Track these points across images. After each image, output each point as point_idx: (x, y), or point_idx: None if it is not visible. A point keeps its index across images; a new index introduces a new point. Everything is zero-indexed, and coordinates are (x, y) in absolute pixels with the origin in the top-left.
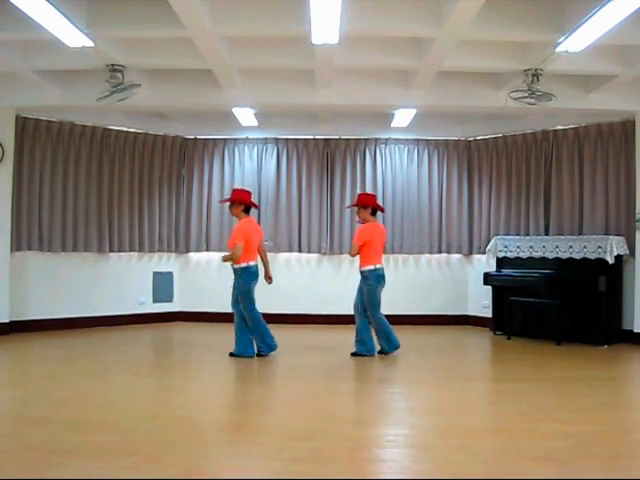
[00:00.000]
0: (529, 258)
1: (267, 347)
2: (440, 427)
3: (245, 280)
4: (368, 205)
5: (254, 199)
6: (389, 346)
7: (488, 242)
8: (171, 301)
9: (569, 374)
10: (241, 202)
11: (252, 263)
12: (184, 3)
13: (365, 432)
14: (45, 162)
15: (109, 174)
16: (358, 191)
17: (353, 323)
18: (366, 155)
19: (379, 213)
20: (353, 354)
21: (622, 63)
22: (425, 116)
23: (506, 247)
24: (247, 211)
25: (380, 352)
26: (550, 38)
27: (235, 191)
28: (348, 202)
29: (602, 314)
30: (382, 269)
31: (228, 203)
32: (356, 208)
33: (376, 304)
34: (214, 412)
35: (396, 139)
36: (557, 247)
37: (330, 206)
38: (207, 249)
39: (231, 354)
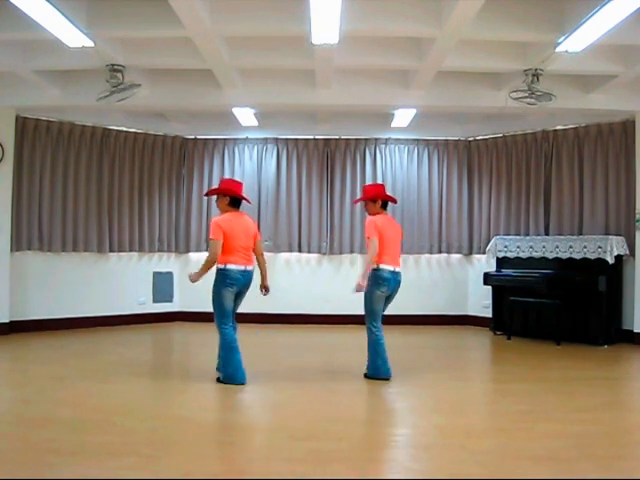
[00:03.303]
0: (529, 258)
1: (228, 376)
2: (440, 427)
3: (217, 284)
4: (377, 198)
5: (254, 199)
6: (372, 369)
7: (488, 242)
8: (171, 301)
9: (569, 374)
10: (227, 193)
11: (231, 266)
12: (184, 3)
13: (365, 432)
14: (45, 162)
15: (109, 174)
16: (358, 191)
17: (353, 323)
18: (366, 155)
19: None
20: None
21: (622, 63)
22: (425, 116)
23: (506, 247)
24: (236, 205)
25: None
26: (550, 38)
27: (222, 181)
28: (348, 202)
29: (602, 314)
30: (393, 272)
31: (215, 196)
32: (364, 203)
33: (371, 311)
34: (214, 412)
35: (396, 139)
36: (557, 247)
37: (330, 206)
38: (207, 249)
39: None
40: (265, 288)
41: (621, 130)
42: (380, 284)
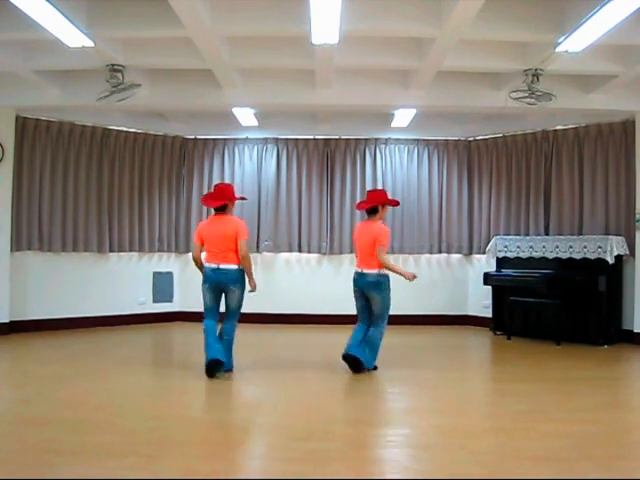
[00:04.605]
0: (529, 258)
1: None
2: (440, 427)
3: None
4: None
5: (254, 199)
6: (370, 362)
7: (488, 242)
8: (171, 301)
9: (569, 374)
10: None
11: (205, 264)
12: (184, 3)
13: (365, 432)
14: (45, 162)
15: (109, 174)
16: (358, 191)
17: (353, 323)
18: (366, 155)
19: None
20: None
21: (622, 63)
22: (425, 116)
23: (506, 247)
24: (218, 210)
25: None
26: (550, 38)
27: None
28: (348, 202)
29: (602, 314)
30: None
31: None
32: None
33: (388, 313)
34: (214, 412)
35: (396, 139)
36: (557, 247)
37: (330, 206)
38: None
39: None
40: (250, 286)
41: (621, 130)
42: (390, 289)
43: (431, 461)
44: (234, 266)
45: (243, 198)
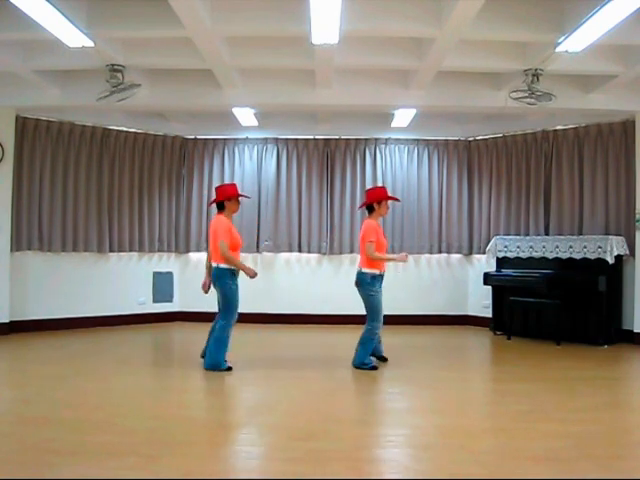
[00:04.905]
0: (529, 258)
1: None
2: (440, 427)
3: None
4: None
5: (254, 199)
6: (361, 359)
7: (488, 242)
8: (171, 301)
9: (569, 374)
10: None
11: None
12: (184, 3)
13: (365, 432)
14: (45, 162)
15: (109, 174)
16: (358, 191)
17: (353, 323)
18: (366, 155)
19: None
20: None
21: (622, 63)
22: (425, 116)
23: (506, 247)
24: (218, 207)
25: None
26: (550, 38)
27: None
28: (348, 202)
29: (602, 314)
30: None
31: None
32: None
33: (381, 310)
34: (214, 412)
35: (396, 139)
36: (557, 247)
37: (330, 206)
38: (207, 249)
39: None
40: (248, 275)
41: (621, 130)
42: (373, 287)
43: (431, 461)
44: (214, 264)
45: (242, 195)
